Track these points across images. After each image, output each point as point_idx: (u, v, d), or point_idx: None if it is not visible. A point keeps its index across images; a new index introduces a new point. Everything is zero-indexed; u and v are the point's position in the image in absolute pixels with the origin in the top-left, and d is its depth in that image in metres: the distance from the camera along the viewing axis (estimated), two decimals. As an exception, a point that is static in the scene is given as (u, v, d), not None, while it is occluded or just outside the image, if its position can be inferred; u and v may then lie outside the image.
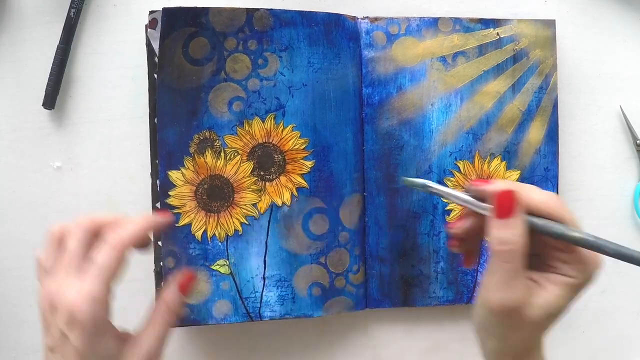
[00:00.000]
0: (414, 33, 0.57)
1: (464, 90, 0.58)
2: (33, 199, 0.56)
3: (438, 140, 0.57)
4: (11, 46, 0.56)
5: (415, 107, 0.57)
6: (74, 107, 0.56)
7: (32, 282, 0.56)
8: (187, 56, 0.52)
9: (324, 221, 0.54)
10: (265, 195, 0.54)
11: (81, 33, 0.56)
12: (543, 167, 0.59)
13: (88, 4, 0.56)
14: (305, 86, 0.54)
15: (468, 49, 0.58)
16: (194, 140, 0.53)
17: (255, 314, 0.54)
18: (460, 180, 0.58)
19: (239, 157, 0.53)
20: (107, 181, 0.57)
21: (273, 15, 0.53)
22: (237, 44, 0.53)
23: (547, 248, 0.40)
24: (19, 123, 0.56)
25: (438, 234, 0.58)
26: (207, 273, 0.53)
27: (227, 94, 0.53)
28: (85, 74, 0.57)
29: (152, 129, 0.53)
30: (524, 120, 0.58)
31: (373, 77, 0.56)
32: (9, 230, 0.56)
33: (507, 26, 0.58)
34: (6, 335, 0.57)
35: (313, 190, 0.54)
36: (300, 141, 0.54)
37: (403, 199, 0.57)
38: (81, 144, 0.57)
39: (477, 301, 0.41)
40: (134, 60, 0.56)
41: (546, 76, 0.58)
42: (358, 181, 0.56)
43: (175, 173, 0.53)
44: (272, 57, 0.53)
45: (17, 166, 0.56)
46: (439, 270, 0.58)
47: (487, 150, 0.58)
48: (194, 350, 0.58)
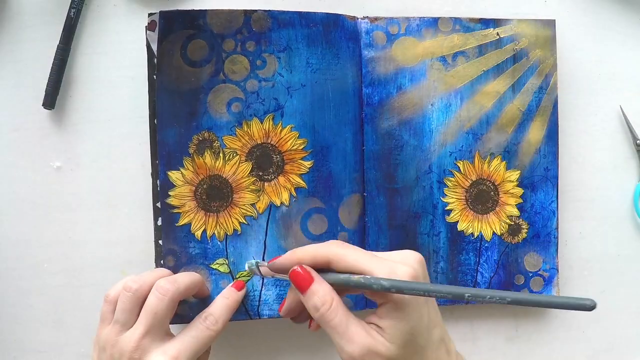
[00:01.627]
0: (414, 33, 0.57)
1: (464, 90, 0.57)
2: (33, 199, 0.56)
3: (438, 140, 0.57)
4: (11, 46, 0.56)
5: (415, 107, 0.57)
6: (74, 107, 0.57)
7: (32, 282, 0.57)
8: (186, 58, 0.52)
9: (322, 221, 0.55)
10: (264, 195, 0.54)
11: (81, 33, 0.56)
12: (543, 167, 0.59)
13: (88, 4, 0.56)
14: (304, 87, 0.54)
15: (468, 49, 0.58)
16: (193, 141, 0.53)
17: (254, 313, 0.54)
18: (460, 180, 0.58)
19: (238, 158, 0.53)
20: (107, 181, 0.57)
21: (271, 17, 0.53)
22: (236, 45, 0.53)
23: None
24: (19, 123, 0.56)
25: (438, 234, 0.58)
26: (207, 272, 0.53)
27: (225, 95, 0.53)
28: (85, 74, 0.57)
29: (152, 129, 0.54)
30: (524, 120, 0.58)
31: (373, 77, 0.56)
32: (9, 230, 0.56)
33: (507, 26, 0.58)
34: (6, 335, 0.57)
35: (312, 191, 0.54)
36: (298, 141, 0.54)
37: (403, 199, 0.57)
38: (81, 144, 0.57)
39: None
40: (134, 60, 0.56)
41: (546, 76, 0.58)
42: (357, 181, 0.56)
43: (175, 173, 0.53)
44: (271, 58, 0.53)
45: (17, 166, 0.56)
46: (439, 270, 0.58)
47: (487, 150, 0.58)
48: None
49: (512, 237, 0.59)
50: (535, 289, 0.59)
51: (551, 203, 0.59)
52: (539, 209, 0.59)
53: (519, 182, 0.58)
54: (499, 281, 0.58)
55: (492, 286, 0.58)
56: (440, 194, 0.58)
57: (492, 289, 0.36)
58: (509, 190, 0.58)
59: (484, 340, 0.61)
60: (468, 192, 0.58)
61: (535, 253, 0.59)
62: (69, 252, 0.57)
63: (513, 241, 0.59)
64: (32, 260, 0.57)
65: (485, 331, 0.61)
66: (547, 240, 0.59)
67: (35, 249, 0.57)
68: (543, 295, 0.54)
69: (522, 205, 0.59)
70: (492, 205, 0.58)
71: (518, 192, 0.58)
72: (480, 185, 0.58)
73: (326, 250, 0.43)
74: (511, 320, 0.61)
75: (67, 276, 0.57)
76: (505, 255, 0.59)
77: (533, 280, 0.59)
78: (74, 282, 0.57)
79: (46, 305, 0.56)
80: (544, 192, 0.59)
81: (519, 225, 0.59)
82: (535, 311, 0.62)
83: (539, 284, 0.59)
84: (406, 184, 0.57)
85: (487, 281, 0.58)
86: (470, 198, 0.58)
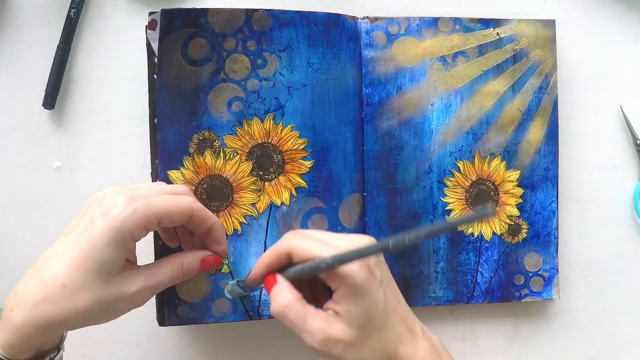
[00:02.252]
0: (414, 33, 0.57)
1: (464, 90, 0.57)
2: (33, 199, 0.56)
3: (438, 140, 0.57)
4: (11, 46, 0.56)
5: (415, 107, 0.57)
6: (74, 107, 0.57)
7: (32, 282, 0.56)
8: (187, 57, 0.52)
9: (322, 221, 0.55)
10: (264, 195, 0.54)
11: (81, 33, 0.56)
12: (543, 167, 0.59)
13: (88, 4, 0.56)
14: (304, 86, 0.54)
15: (468, 49, 0.58)
16: (194, 141, 0.53)
17: (254, 313, 0.54)
18: (460, 180, 0.58)
19: (238, 157, 0.53)
20: (107, 181, 0.57)
21: (272, 16, 0.53)
22: (236, 44, 0.53)
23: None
24: (19, 123, 0.56)
25: (438, 233, 0.58)
26: (207, 272, 0.53)
27: (226, 94, 0.53)
28: (85, 74, 0.57)
29: (152, 129, 0.54)
30: (524, 120, 0.58)
31: (373, 77, 0.56)
32: (9, 230, 0.56)
33: (507, 26, 0.58)
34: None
35: (312, 190, 0.54)
36: (299, 141, 0.54)
37: (403, 199, 0.57)
38: (81, 144, 0.57)
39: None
40: (134, 60, 0.56)
41: (546, 76, 0.58)
42: (357, 181, 0.56)
43: (175, 173, 0.53)
44: (272, 57, 0.53)
45: (17, 166, 0.56)
46: (439, 270, 0.58)
47: (487, 150, 0.58)
48: (192, 349, 0.58)
49: (512, 237, 0.59)
50: (536, 289, 0.59)
51: (551, 203, 0.59)
52: (539, 209, 0.59)
53: (519, 182, 0.58)
54: (499, 281, 0.58)
55: (492, 286, 0.58)
56: (440, 194, 0.58)
57: (409, 231, 0.38)
58: (509, 190, 0.58)
59: (484, 340, 0.61)
60: (468, 192, 0.58)
61: (535, 253, 0.59)
62: (68, 252, 0.56)
63: (513, 241, 0.59)
64: (32, 260, 0.56)
65: (485, 331, 0.61)
66: (547, 240, 0.59)
67: (35, 249, 0.56)
68: (452, 219, 0.57)
69: (522, 205, 0.59)
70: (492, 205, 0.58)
71: (518, 192, 0.58)
72: (480, 185, 0.58)
73: (285, 244, 0.44)
74: (511, 320, 0.61)
75: (67, 276, 0.56)
76: (505, 255, 0.59)
77: (533, 280, 0.59)
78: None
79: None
80: (544, 192, 0.59)
81: (519, 225, 0.59)
82: (535, 311, 0.62)
83: (539, 284, 0.59)
84: (406, 184, 0.57)
85: (487, 281, 0.58)
86: (470, 198, 0.58)
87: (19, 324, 0.41)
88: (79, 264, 0.41)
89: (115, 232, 0.41)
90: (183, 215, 0.45)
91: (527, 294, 0.59)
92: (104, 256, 0.41)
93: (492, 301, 0.59)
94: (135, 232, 0.42)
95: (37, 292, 0.42)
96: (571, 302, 0.62)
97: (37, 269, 0.43)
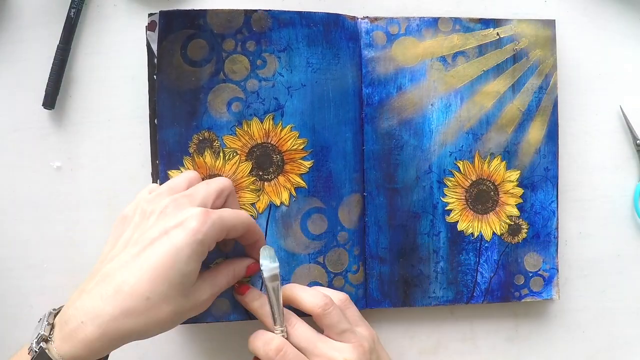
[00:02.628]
0: (414, 33, 0.57)
1: (464, 90, 0.57)
2: (33, 199, 0.56)
3: (438, 140, 0.57)
4: (11, 46, 0.56)
5: (415, 107, 0.57)
6: (74, 107, 0.57)
7: (31, 282, 0.57)
8: (186, 58, 0.52)
9: (322, 221, 0.55)
10: (264, 195, 0.54)
11: (81, 33, 0.56)
12: (543, 167, 0.59)
13: (88, 4, 0.56)
14: (304, 86, 0.54)
15: (468, 49, 0.58)
16: (194, 141, 0.53)
17: (254, 314, 0.54)
18: (460, 180, 0.58)
19: (238, 157, 0.53)
20: (107, 181, 0.57)
21: (271, 16, 0.53)
22: (236, 45, 0.53)
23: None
24: (19, 123, 0.56)
25: (438, 234, 0.58)
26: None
27: (226, 94, 0.53)
28: (85, 74, 0.57)
29: (152, 129, 0.54)
30: (524, 120, 0.58)
31: (373, 77, 0.56)
32: (9, 230, 0.56)
33: (507, 26, 0.58)
34: (5, 335, 0.57)
35: (311, 190, 0.54)
36: (298, 141, 0.54)
37: (403, 199, 0.57)
38: (81, 144, 0.57)
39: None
40: (134, 60, 0.56)
41: (546, 76, 0.58)
42: (357, 181, 0.56)
43: (175, 173, 0.53)
44: (271, 57, 0.53)
45: (17, 166, 0.56)
46: (438, 270, 0.58)
47: (487, 150, 0.58)
48: (192, 348, 0.58)
49: (512, 237, 0.59)
50: (535, 289, 0.59)
51: (551, 203, 0.59)
52: (539, 209, 0.59)
53: (519, 182, 0.58)
54: (499, 281, 0.58)
55: (492, 286, 0.58)
56: (440, 194, 0.58)
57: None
58: (509, 190, 0.58)
59: (484, 340, 0.61)
60: (468, 192, 0.58)
61: (535, 253, 0.59)
62: (69, 252, 0.57)
63: (513, 241, 0.59)
64: (32, 260, 0.57)
65: (485, 331, 0.61)
66: (547, 240, 0.59)
67: (35, 249, 0.57)
68: None
69: (522, 205, 0.59)
70: (492, 205, 0.58)
71: (518, 192, 0.58)
72: (480, 185, 0.58)
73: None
74: (511, 320, 0.61)
75: (67, 276, 0.57)
76: (505, 255, 0.59)
77: (533, 280, 0.59)
78: (74, 282, 0.56)
79: (46, 305, 0.56)
80: (544, 192, 0.59)
81: (519, 225, 0.59)
82: (535, 311, 0.62)
83: (539, 284, 0.59)
84: (406, 184, 0.57)
85: (487, 281, 0.58)
86: (470, 198, 0.58)
87: (93, 338, 0.41)
88: (162, 276, 0.42)
89: (198, 245, 0.42)
90: (243, 229, 0.47)
91: (527, 294, 0.59)
92: (186, 268, 0.42)
93: (492, 301, 0.59)
94: (212, 244, 0.44)
95: (115, 306, 0.41)
96: (571, 302, 0.62)
97: (104, 281, 0.43)
